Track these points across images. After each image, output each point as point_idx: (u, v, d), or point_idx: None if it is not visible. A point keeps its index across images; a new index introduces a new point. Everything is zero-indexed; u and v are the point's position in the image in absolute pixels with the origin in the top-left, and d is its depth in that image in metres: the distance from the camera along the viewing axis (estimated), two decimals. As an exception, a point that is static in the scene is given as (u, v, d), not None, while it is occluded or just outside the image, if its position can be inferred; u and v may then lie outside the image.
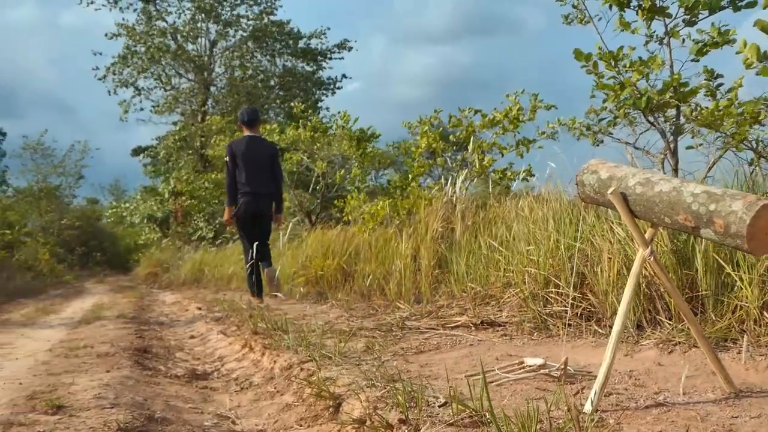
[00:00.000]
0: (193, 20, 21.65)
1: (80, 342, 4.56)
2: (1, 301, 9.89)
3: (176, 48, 21.16)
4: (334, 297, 6.65)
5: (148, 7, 21.90)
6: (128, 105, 22.09)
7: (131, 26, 21.33)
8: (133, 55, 21.34)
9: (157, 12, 21.70)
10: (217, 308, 6.63)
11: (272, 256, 6.98)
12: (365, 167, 12.15)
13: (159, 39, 21.01)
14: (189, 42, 21.73)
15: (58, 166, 27.98)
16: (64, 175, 28.01)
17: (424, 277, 5.56)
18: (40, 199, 26.18)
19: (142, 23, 21.40)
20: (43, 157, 27.42)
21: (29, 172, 27.23)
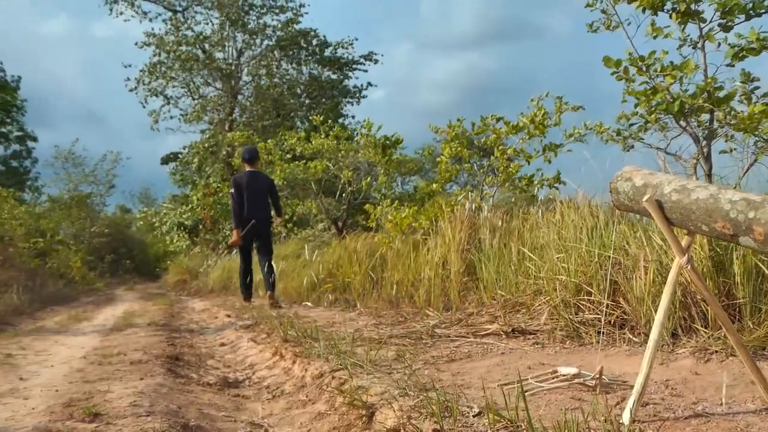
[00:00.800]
0: (221, 29, 21.92)
1: (113, 349, 4.63)
2: (35, 308, 10.06)
3: (204, 57, 21.44)
4: (363, 304, 6.66)
5: (177, 16, 22.24)
6: (158, 114, 22.43)
7: (160, 36, 21.68)
8: (161, 64, 21.68)
9: (185, 21, 22.01)
10: (246, 316, 6.68)
11: (295, 265, 7.75)
12: (391, 174, 12.19)
13: (187, 48, 21.31)
14: (216, 51, 22.01)
15: (89, 174, 28.50)
16: (95, 183, 28.51)
17: (452, 284, 5.54)
18: (72, 208, 26.66)
19: (171, 33, 21.72)
20: (74, 166, 27.97)
21: (61, 181, 27.82)
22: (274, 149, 13.87)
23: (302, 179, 13.11)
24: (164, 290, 18.46)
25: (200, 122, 22.36)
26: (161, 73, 21.78)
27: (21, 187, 27.58)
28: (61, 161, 27.70)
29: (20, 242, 14.09)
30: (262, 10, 22.19)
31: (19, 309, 9.28)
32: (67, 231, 25.20)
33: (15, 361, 4.38)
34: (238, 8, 21.62)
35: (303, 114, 22.53)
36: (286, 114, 22.28)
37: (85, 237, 26.10)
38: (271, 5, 22.24)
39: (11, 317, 8.52)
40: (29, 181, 29.11)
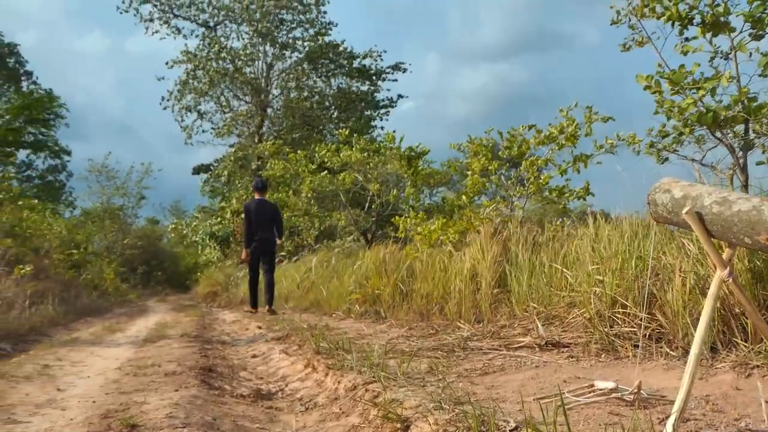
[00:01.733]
0: (251, 44, 22.24)
1: (147, 360, 4.68)
2: (70, 319, 10.22)
3: (234, 71, 21.75)
4: (393, 316, 6.65)
5: (209, 33, 22.61)
6: (191, 129, 22.79)
7: (192, 52, 22.06)
8: (193, 79, 22.05)
9: (217, 38, 22.37)
10: (277, 327, 6.70)
11: (325, 276, 9.63)
12: (418, 186, 12.19)
13: (218, 63, 21.65)
14: (247, 65, 22.31)
15: (121, 187, 29.01)
16: (126, 196, 28.99)
17: (483, 296, 5.51)
18: (104, 220, 27.13)
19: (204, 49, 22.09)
20: (107, 179, 28.50)
21: (94, 193, 28.36)
22: (304, 161, 13.99)
23: (331, 191, 13.19)
24: (195, 302, 18.65)
25: (230, 135, 22.67)
26: (193, 88, 22.14)
27: (56, 200, 28.14)
28: (95, 174, 28.28)
29: (55, 254, 14.36)
30: (292, 24, 22.47)
31: (54, 320, 9.44)
32: (101, 243, 25.63)
33: (52, 372, 4.46)
34: (268, 22, 21.93)
35: (332, 126, 22.69)
36: (316, 126, 22.46)
37: (118, 249, 26.51)
38: (301, 20, 22.51)
39: (47, 328, 8.67)
40: (64, 194, 29.70)
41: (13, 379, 4.09)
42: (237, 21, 22.57)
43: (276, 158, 15.65)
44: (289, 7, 22.22)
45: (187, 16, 22.83)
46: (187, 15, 22.81)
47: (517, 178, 7.76)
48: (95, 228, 25.15)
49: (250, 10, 21.79)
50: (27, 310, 8.98)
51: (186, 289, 29.73)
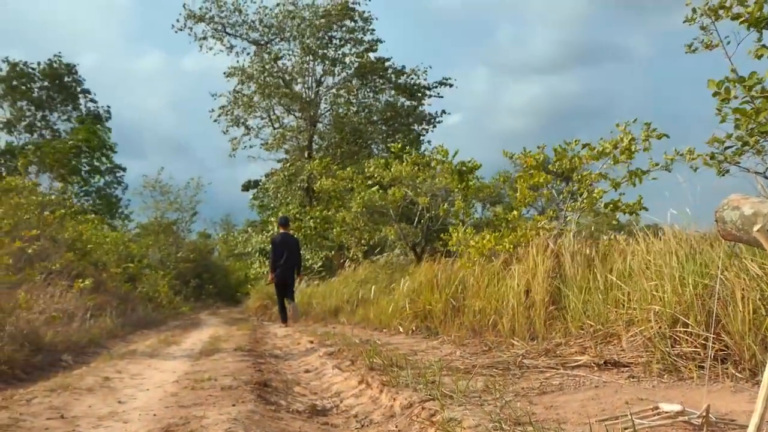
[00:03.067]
0: (301, 60, 22.56)
1: (204, 374, 4.75)
2: (127, 331, 10.49)
3: (284, 87, 22.10)
4: (445, 332, 6.61)
5: (261, 50, 23.05)
6: (238, 142, 23.19)
7: (244, 68, 22.53)
8: (244, 96, 22.50)
9: (269, 55, 22.78)
10: (329, 342, 6.74)
11: (375, 291, 10.32)
12: (469, 200, 12.12)
13: (269, 79, 22.04)
14: (296, 81, 22.64)
15: (174, 202, 29.78)
16: (180, 210, 29.70)
17: (537, 313, 5.44)
18: (158, 234, 27.83)
19: (255, 65, 22.52)
20: (161, 194, 29.31)
21: (149, 208, 29.18)
22: (354, 176, 14.09)
23: (380, 205, 13.23)
24: (246, 315, 18.90)
25: (280, 150, 22.98)
26: (243, 103, 22.58)
27: (112, 215, 28.98)
28: (149, 189, 29.11)
29: (112, 268, 14.76)
30: (340, 42, 22.75)
31: (112, 332, 9.71)
32: (155, 256, 26.26)
33: (113, 384, 4.57)
34: (317, 39, 22.25)
35: (380, 141, 22.78)
36: (364, 141, 22.59)
37: (171, 262, 27.11)
38: (350, 37, 22.76)
39: (106, 340, 8.92)
40: (120, 209, 30.58)
41: (77, 391, 4.21)
42: (287, 38, 22.96)
43: (324, 176, 15.82)
44: (338, 25, 22.51)
45: (238, 34, 23.34)
46: (239, 33, 23.32)
47: (568, 192, 7.66)
48: (150, 242, 25.78)
49: (300, 28, 22.16)
50: (87, 322, 9.25)
51: (236, 302, 30.15)
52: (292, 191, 21.87)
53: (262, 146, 23.04)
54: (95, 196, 29.60)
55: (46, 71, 30.35)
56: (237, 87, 22.81)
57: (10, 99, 29.69)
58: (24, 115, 29.89)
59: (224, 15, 23.02)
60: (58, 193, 16.40)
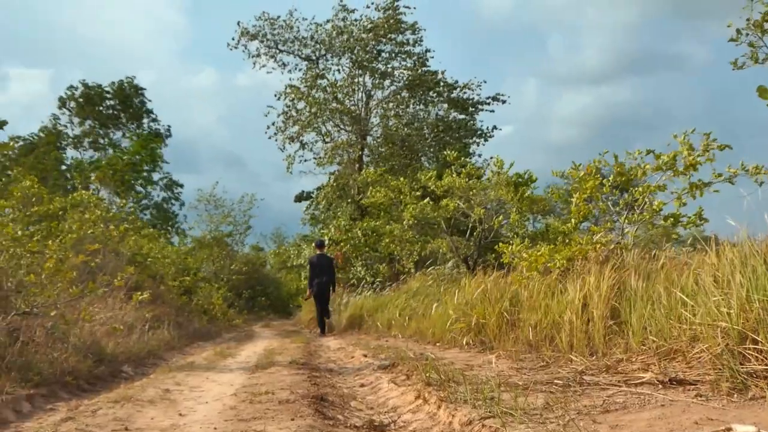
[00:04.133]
0: (351, 75, 22.78)
1: (261, 387, 4.80)
2: (184, 343, 10.69)
3: (335, 102, 22.34)
4: (500, 346, 6.52)
5: (312, 66, 23.38)
6: (293, 158, 23.51)
7: (296, 86, 22.88)
8: (297, 111, 22.84)
9: (320, 71, 23.09)
10: (383, 355, 6.73)
11: (427, 304, 10.35)
12: (523, 212, 11.98)
13: (320, 94, 22.33)
14: (347, 96, 22.85)
15: (228, 215, 30.35)
16: (233, 224, 30.25)
17: (596, 327, 5.31)
18: (213, 247, 28.37)
19: (306, 81, 22.85)
20: (215, 208, 29.91)
21: (203, 221, 29.83)
22: (406, 188, 14.10)
23: (432, 217, 13.20)
24: (298, 327, 19.07)
25: (331, 164, 23.20)
26: (296, 120, 22.91)
27: (169, 229, 29.72)
28: (204, 203, 29.76)
29: (169, 280, 15.11)
30: (391, 55, 22.88)
31: (170, 344, 9.91)
32: (209, 269, 26.77)
33: (173, 397, 4.66)
34: (366, 53, 22.44)
35: (431, 154, 22.76)
36: (414, 155, 22.60)
37: (225, 275, 27.57)
38: (400, 51, 22.87)
39: (163, 352, 9.11)
40: (177, 223, 31.35)
41: (139, 402, 4.31)
42: (337, 54, 23.22)
43: (378, 186, 15.86)
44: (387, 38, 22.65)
45: (291, 50, 23.72)
46: (291, 50, 23.69)
47: (625, 204, 7.49)
48: (204, 255, 26.29)
49: (349, 42, 22.40)
50: (145, 334, 9.47)
51: (288, 314, 30.46)
52: (343, 205, 22.04)
53: (314, 160, 23.31)
54: (153, 210, 30.42)
55: (115, 91, 31.65)
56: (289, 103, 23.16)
57: (79, 117, 30.96)
58: (90, 132, 31.15)
59: (277, 32, 23.45)
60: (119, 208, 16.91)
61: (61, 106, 31.04)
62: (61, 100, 31.05)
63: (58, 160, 27.45)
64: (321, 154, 23.14)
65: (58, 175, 25.53)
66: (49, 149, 26.32)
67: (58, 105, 31.03)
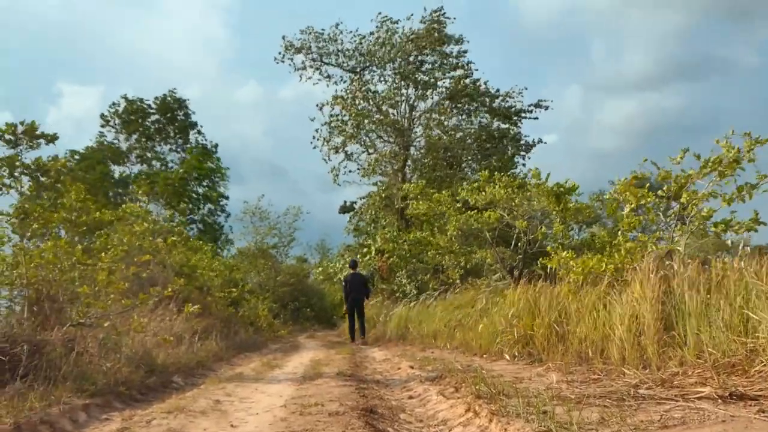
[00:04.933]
0: (394, 86, 22.93)
1: (310, 399, 4.83)
2: (231, 354, 10.81)
3: (379, 113, 22.49)
4: (549, 358, 6.43)
5: (356, 77, 23.60)
6: (338, 169, 23.75)
7: (340, 97, 23.15)
8: (342, 123, 23.07)
9: (364, 82, 23.30)
10: (430, 367, 6.70)
11: (473, 315, 10.49)
12: (567, 222, 11.81)
13: (364, 105, 22.52)
14: (390, 107, 22.99)
15: (273, 227, 30.75)
16: (278, 236, 30.64)
17: (648, 339, 5.19)
18: (258, 258, 28.73)
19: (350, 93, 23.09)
20: (260, 220, 30.36)
21: (248, 233, 30.29)
22: (449, 201, 14.06)
23: (476, 229, 13.12)
24: (343, 338, 19.07)
25: (375, 175, 23.34)
26: (340, 131, 23.15)
27: (215, 241, 30.22)
28: (249, 216, 30.23)
29: (216, 292, 15.32)
30: (434, 65, 22.97)
31: (218, 355, 10.03)
32: (254, 281, 27.10)
33: (224, 408, 4.71)
34: (409, 65, 22.56)
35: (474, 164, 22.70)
36: (457, 165, 22.57)
37: (270, 286, 27.87)
38: (442, 62, 22.94)
39: (212, 363, 9.23)
40: (222, 235, 31.86)
41: (191, 413, 4.37)
42: (380, 65, 23.40)
43: (420, 198, 15.89)
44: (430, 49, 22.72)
45: (335, 63, 24.03)
46: (336, 62, 24.00)
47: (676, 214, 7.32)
48: (250, 266, 26.62)
49: (391, 54, 22.55)
50: (194, 344, 9.62)
51: (332, 325, 30.53)
52: (387, 215, 22.09)
53: (359, 171, 23.48)
54: (200, 223, 30.98)
55: (159, 106, 32.34)
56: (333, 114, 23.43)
57: (125, 132, 31.74)
58: (136, 146, 31.90)
59: (321, 45, 23.78)
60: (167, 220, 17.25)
61: (105, 123, 31.81)
62: (104, 117, 31.82)
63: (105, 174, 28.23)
64: (365, 164, 23.30)
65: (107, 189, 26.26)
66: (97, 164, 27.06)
67: (101, 123, 31.81)
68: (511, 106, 22.94)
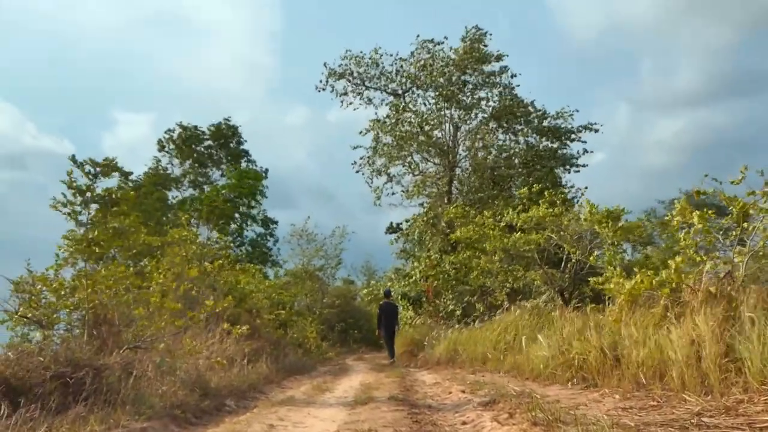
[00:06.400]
0: (437, 108, 22.96)
1: (363, 424, 4.82)
2: (281, 376, 10.87)
3: (422, 135, 22.50)
4: (605, 384, 6.28)
5: (398, 100, 23.75)
6: (381, 191, 23.83)
7: (382, 120, 23.30)
8: (385, 145, 23.18)
9: (406, 104, 23.41)
10: (482, 391, 6.62)
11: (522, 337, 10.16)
12: (618, 242, 11.58)
13: (406, 128, 22.56)
14: (434, 129, 22.99)
15: (320, 249, 31.01)
16: (325, 257, 30.88)
17: (709, 365, 5.04)
18: (305, 280, 28.95)
19: (393, 116, 23.23)
20: (307, 242, 30.65)
21: (296, 255, 30.61)
22: (491, 223, 14.00)
23: (524, 250, 12.98)
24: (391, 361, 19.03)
25: (420, 196, 23.32)
26: (384, 153, 23.25)
27: (264, 263, 30.59)
28: (296, 238, 30.56)
29: (265, 314, 15.45)
30: (476, 85, 22.91)
31: (268, 377, 10.10)
32: (302, 302, 27.28)
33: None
34: (451, 86, 22.54)
35: (520, 183, 22.45)
36: (504, 185, 22.39)
37: (317, 308, 28.01)
38: (485, 81, 22.87)
39: (263, 385, 9.29)
40: (271, 258, 32.25)
41: (247, 437, 4.40)
42: (423, 87, 23.49)
43: (463, 221, 15.86)
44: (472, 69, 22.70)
45: (377, 86, 24.23)
46: (378, 86, 24.20)
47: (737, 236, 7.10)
48: (298, 288, 26.84)
49: (433, 76, 22.60)
50: (245, 367, 9.71)
51: (380, 347, 30.40)
52: (433, 236, 22.01)
53: (403, 193, 23.51)
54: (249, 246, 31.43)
55: (213, 132, 33.35)
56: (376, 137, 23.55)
57: (179, 158, 32.76)
58: (190, 171, 32.79)
59: (363, 69, 24.02)
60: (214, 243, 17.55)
61: (161, 148, 32.96)
62: (160, 143, 32.98)
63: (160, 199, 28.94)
64: (409, 186, 23.33)
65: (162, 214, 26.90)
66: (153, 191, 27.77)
67: (158, 147, 32.98)
68: (560, 127, 22.70)
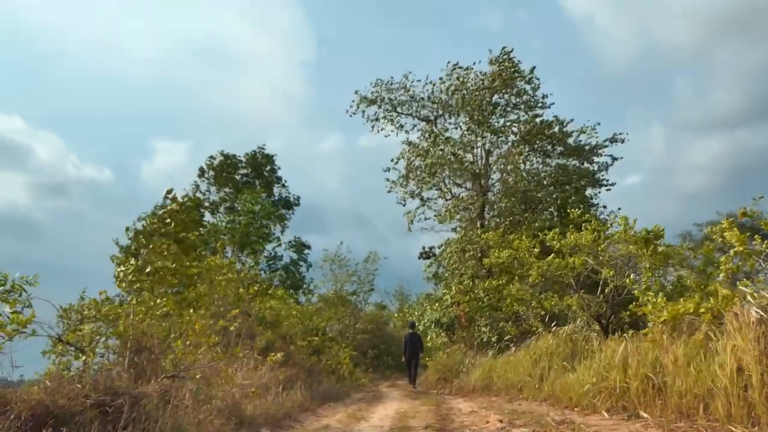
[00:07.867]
0: (468, 132, 22.97)
1: (401, 454, 4.76)
2: (315, 404, 10.82)
3: (454, 160, 22.50)
4: (648, 413, 6.13)
5: (430, 126, 23.86)
6: (413, 215, 23.84)
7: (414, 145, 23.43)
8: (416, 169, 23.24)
9: (439, 132, 23.50)
10: (519, 421, 6.52)
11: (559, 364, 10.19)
12: (657, 267, 11.37)
13: (438, 153, 22.60)
14: (466, 153, 22.99)
15: (352, 274, 31.04)
16: (357, 282, 30.90)
17: (755, 394, 4.90)
18: (338, 306, 28.95)
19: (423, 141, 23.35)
20: (339, 267, 30.73)
21: (328, 281, 30.69)
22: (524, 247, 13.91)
23: (560, 274, 12.82)
24: (425, 388, 18.85)
25: (452, 221, 23.25)
26: (416, 176, 23.31)
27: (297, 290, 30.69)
28: (329, 263, 30.66)
29: (299, 340, 15.46)
30: (506, 108, 22.93)
31: (302, 405, 10.06)
32: (333, 328, 27.25)
33: (316, 462, 4.70)
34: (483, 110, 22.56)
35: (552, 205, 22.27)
36: (535, 207, 22.24)
37: (350, 333, 27.95)
38: (516, 103, 22.87)
39: (297, 413, 9.26)
40: (304, 284, 32.36)
41: (285, 468, 4.38)
42: (454, 113, 23.56)
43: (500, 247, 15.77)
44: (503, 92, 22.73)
45: (408, 112, 24.37)
46: (409, 111, 24.35)
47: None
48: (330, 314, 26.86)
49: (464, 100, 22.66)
50: (280, 395, 9.69)
51: (414, 374, 30.18)
52: (465, 261, 21.86)
53: (435, 217, 23.48)
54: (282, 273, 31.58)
55: (249, 160, 34.18)
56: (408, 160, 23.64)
57: (216, 184, 33.53)
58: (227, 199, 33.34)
59: (394, 95, 24.21)
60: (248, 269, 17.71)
61: (201, 174, 33.66)
62: (201, 170, 33.71)
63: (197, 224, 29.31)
64: (441, 211, 23.30)
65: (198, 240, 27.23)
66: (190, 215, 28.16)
67: (198, 174, 33.67)
68: (585, 144, 22.59)
